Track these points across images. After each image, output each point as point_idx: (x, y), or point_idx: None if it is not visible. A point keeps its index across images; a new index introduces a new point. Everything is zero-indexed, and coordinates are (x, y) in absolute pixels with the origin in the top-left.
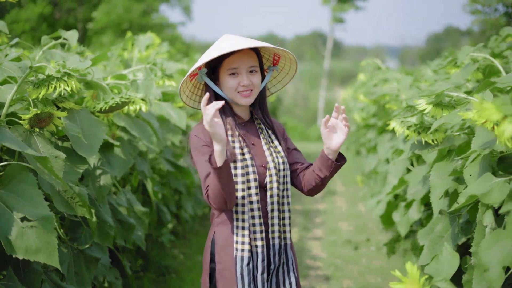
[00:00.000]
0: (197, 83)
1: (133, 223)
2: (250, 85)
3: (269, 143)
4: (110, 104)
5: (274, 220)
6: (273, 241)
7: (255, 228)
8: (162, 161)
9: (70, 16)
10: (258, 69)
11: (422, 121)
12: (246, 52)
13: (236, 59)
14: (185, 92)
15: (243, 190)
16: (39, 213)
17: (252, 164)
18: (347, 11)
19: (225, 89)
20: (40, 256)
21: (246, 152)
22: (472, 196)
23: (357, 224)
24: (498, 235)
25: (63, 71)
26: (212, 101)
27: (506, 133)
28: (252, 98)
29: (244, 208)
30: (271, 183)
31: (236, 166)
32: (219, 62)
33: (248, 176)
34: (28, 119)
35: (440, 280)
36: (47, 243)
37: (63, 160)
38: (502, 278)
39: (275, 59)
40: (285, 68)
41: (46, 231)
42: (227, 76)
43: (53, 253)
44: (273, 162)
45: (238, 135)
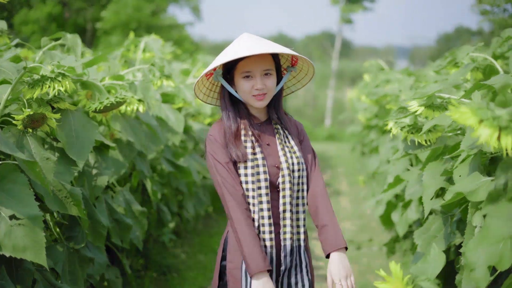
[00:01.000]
0: (214, 81)
1: (130, 223)
2: (263, 88)
3: (284, 143)
4: (105, 104)
5: (286, 221)
6: (285, 242)
7: (264, 228)
8: (162, 161)
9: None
10: (273, 71)
11: (416, 122)
12: (261, 55)
13: (250, 62)
14: (201, 90)
15: (253, 190)
16: (28, 212)
17: (263, 164)
18: (356, 12)
19: (240, 91)
20: (27, 254)
21: (258, 152)
22: (458, 193)
23: (361, 224)
24: (483, 235)
25: (57, 71)
26: (227, 106)
27: (482, 138)
28: (265, 101)
29: (254, 207)
30: (284, 183)
31: (246, 166)
32: (234, 64)
33: (258, 176)
34: (21, 119)
35: (423, 280)
36: (34, 241)
37: (54, 162)
38: (487, 278)
39: (294, 60)
40: (304, 68)
41: (34, 230)
42: (241, 79)
43: (41, 251)
44: (287, 162)
45: (251, 134)
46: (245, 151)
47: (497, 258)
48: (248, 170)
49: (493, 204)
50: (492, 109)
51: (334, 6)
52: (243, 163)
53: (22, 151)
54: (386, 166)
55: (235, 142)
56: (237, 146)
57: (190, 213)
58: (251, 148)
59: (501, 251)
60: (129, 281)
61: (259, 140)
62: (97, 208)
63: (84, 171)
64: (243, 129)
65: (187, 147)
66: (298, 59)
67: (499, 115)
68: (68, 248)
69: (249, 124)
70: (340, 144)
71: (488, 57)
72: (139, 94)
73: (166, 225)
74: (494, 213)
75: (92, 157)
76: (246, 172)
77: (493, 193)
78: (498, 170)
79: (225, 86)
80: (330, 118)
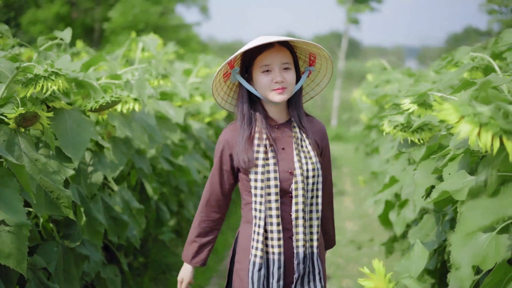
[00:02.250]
0: (232, 85)
1: (126, 220)
2: (283, 82)
3: (300, 148)
4: (100, 103)
5: (298, 229)
6: (298, 250)
7: (272, 235)
8: (161, 159)
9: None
10: (291, 66)
11: (409, 120)
12: (278, 48)
13: (268, 55)
14: (219, 94)
15: (261, 196)
16: (16, 219)
17: (274, 170)
18: (362, 12)
19: (259, 87)
20: (10, 261)
21: (270, 157)
22: (444, 192)
23: (363, 224)
24: (458, 228)
25: (51, 70)
26: (243, 109)
27: (461, 134)
28: (286, 95)
29: (261, 214)
30: (297, 190)
31: (257, 171)
32: (252, 60)
33: (268, 182)
34: (13, 118)
35: (405, 277)
36: (18, 249)
37: (43, 164)
38: (471, 278)
39: (311, 59)
40: (322, 69)
41: (20, 238)
42: (260, 74)
43: (23, 260)
44: (301, 168)
45: (265, 138)
46: (253, 157)
47: (481, 258)
48: (258, 175)
49: (473, 200)
50: (473, 106)
51: (341, 6)
52: (254, 168)
53: (13, 149)
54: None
55: (245, 147)
56: (246, 151)
57: (191, 212)
58: (263, 153)
59: (485, 251)
60: (127, 280)
61: (274, 144)
62: (94, 206)
63: (81, 169)
64: (257, 133)
65: (187, 146)
66: (316, 58)
67: (480, 112)
68: (63, 247)
69: (265, 128)
70: (346, 144)
71: (485, 56)
72: (134, 92)
73: (165, 224)
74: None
75: (89, 154)
76: (256, 177)
77: (474, 189)
78: (480, 167)
79: (242, 83)
80: (336, 119)
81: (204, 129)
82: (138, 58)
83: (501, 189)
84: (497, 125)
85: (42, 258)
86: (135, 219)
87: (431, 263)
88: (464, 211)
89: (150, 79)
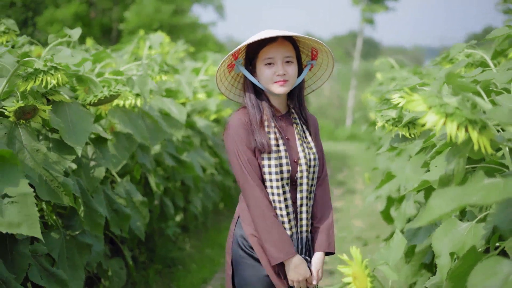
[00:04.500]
0: (237, 76)
1: (129, 213)
2: (285, 75)
3: (302, 139)
4: (99, 97)
5: (303, 215)
6: (301, 235)
7: (283, 219)
8: (165, 155)
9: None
10: (294, 60)
11: (401, 115)
12: (281, 42)
13: (271, 49)
14: (223, 84)
15: (277, 181)
16: (19, 190)
17: (286, 156)
18: (378, 12)
19: (262, 79)
20: (22, 229)
21: (281, 144)
22: (425, 181)
23: (370, 221)
24: (423, 214)
25: (50, 64)
26: (250, 96)
27: (428, 123)
28: (287, 88)
29: (278, 198)
30: (301, 178)
31: (270, 158)
32: (256, 53)
33: (281, 168)
34: (13, 111)
35: (381, 264)
36: (27, 216)
37: (44, 154)
38: (450, 265)
39: (313, 54)
40: (324, 63)
41: (27, 205)
42: (263, 66)
43: (35, 225)
44: (305, 158)
45: (274, 126)
46: (269, 141)
47: (460, 246)
48: (271, 161)
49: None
50: (440, 97)
51: (356, 6)
52: (267, 154)
53: (14, 142)
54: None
55: (260, 131)
56: (262, 135)
57: (197, 208)
58: (274, 140)
59: (464, 239)
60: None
61: (281, 132)
62: (95, 199)
63: (82, 162)
64: (266, 120)
65: (193, 143)
66: (318, 53)
67: (446, 103)
68: (64, 235)
69: (272, 116)
70: (360, 143)
71: (479, 52)
72: (136, 88)
73: (170, 219)
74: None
75: (91, 149)
76: (270, 163)
77: (443, 178)
78: (448, 156)
79: (246, 75)
80: (351, 119)
81: (209, 126)
82: (145, 55)
83: (468, 178)
84: (462, 115)
85: (45, 245)
86: (138, 211)
87: (427, 257)
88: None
89: (153, 75)
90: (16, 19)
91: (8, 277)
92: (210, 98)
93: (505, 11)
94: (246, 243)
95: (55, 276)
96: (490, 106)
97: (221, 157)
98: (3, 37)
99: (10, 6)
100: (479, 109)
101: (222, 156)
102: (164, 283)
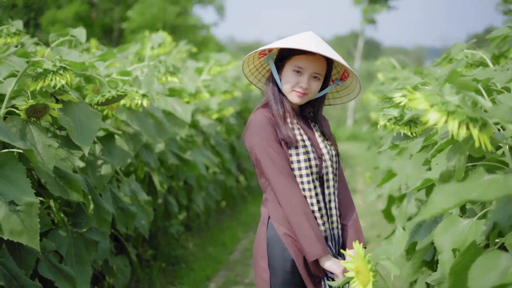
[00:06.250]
0: (264, 63)
1: (134, 210)
2: (307, 89)
3: (322, 136)
4: (107, 97)
5: (332, 211)
6: (333, 231)
7: (316, 214)
8: (168, 154)
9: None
10: (322, 77)
11: (402, 114)
12: (317, 57)
13: (305, 60)
14: (249, 66)
15: (307, 176)
16: (25, 199)
17: (312, 151)
18: (379, 13)
19: (284, 82)
20: (23, 238)
21: (306, 139)
22: (427, 179)
23: (372, 221)
24: (424, 209)
25: (59, 65)
26: (274, 91)
27: (430, 121)
28: (303, 100)
29: (310, 192)
30: (327, 174)
31: (298, 153)
32: (290, 55)
33: (310, 162)
34: (24, 110)
35: (383, 259)
36: (30, 226)
37: (56, 149)
38: (451, 261)
39: (344, 75)
40: (350, 87)
41: (30, 216)
42: (291, 71)
43: (35, 236)
44: (328, 154)
45: (296, 123)
46: (295, 135)
47: (461, 242)
48: (300, 156)
49: (443, 184)
50: (442, 95)
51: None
52: (295, 150)
53: (24, 139)
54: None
55: (285, 125)
56: (288, 128)
57: (199, 206)
58: (299, 135)
59: (466, 235)
60: (136, 270)
61: (304, 128)
62: (102, 196)
63: (89, 160)
64: (288, 117)
65: (196, 142)
66: (349, 76)
67: (447, 101)
68: (72, 232)
69: (291, 112)
70: (361, 143)
71: (478, 52)
72: (143, 88)
73: (173, 217)
74: (440, 191)
75: (98, 147)
76: (299, 158)
77: (444, 174)
78: (449, 153)
79: (272, 70)
80: (352, 119)
81: (213, 125)
82: (147, 56)
83: (469, 174)
84: (464, 113)
85: (53, 242)
86: (143, 210)
87: (428, 255)
88: (432, 194)
89: (158, 76)
90: (18, 20)
91: (18, 273)
92: (212, 97)
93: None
94: (282, 244)
95: (62, 272)
96: (490, 105)
97: (223, 156)
98: (13, 38)
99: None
100: (480, 107)
101: (224, 155)
102: (167, 281)
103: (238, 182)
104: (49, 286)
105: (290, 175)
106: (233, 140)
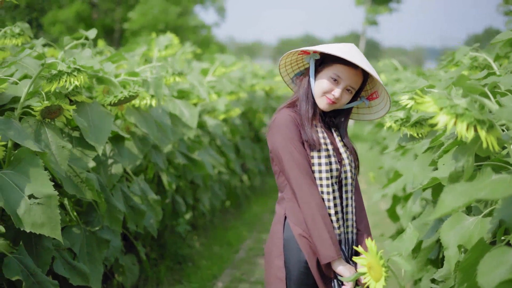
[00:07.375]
0: (298, 61)
1: (144, 209)
2: (338, 99)
3: (342, 141)
4: (119, 98)
5: (348, 215)
6: (347, 236)
7: (332, 217)
8: (177, 154)
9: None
10: (354, 91)
11: (409, 115)
12: (358, 72)
13: (345, 70)
14: (286, 59)
15: (327, 179)
16: (44, 192)
17: (333, 155)
18: (381, 14)
19: (318, 85)
20: (44, 230)
21: (328, 143)
22: (434, 178)
23: (375, 220)
24: (435, 209)
25: (73, 66)
26: (308, 91)
27: (440, 123)
28: (330, 108)
29: (329, 196)
30: (346, 179)
31: (320, 156)
32: (331, 62)
33: (331, 166)
34: (39, 111)
35: (395, 255)
36: (50, 218)
37: (69, 150)
38: (457, 257)
39: (372, 96)
40: (374, 108)
41: (50, 208)
42: (328, 77)
43: (56, 227)
44: (348, 159)
45: (321, 126)
46: (319, 138)
47: (467, 239)
48: (322, 159)
49: (452, 184)
50: (450, 99)
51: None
52: (317, 152)
53: (39, 139)
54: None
55: (311, 127)
56: (313, 130)
57: (205, 206)
58: (322, 138)
59: (471, 232)
60: (145, 268)
61: (327, 132)
62: (113, 195)
63: (101, 160)
64: (314, 119)
65: (202, 142)
66: (377, 98)
67: (456, 104)
68: (85, 231)
69: (318, 115)
70: (363, 143)
71: (482, 55)
72: (151, 90)
73: (181, 216)
74: (449, 191)
75: (108, 147)
76: (320, 161)
77: (453, 174)
78: (456, 154)
79: (310, 70)
80: None
81: (219, 126)
82: (155, 57)
83: (477, 174)
84: (472, 115)
85: (67, 239)
86: (152, 209)
87: (433, 253)
88: (442, 194)
89: (166, 76)
90: (20, 20)
91: (35, 269)
92: (219, 98)
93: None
94: (297, 246)
95: (76, 269)
96: (496, 107)
97: (228, 156)
98: (18, 39)
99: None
100: (486, 109)
101: (229, 155)
102: (175, 279)
103: (242, 182)
104: (62, 284)
105: (310, 177)
106: (238, 140)
